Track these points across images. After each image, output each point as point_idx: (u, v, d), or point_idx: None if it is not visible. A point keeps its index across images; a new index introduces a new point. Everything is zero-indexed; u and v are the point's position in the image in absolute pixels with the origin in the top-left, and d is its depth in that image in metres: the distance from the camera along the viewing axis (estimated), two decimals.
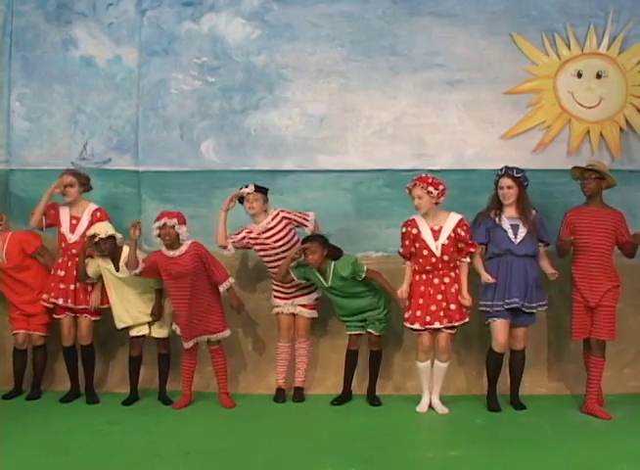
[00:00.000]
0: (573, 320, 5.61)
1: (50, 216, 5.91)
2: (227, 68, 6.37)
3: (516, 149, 6.19)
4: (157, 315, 5.83)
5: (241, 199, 5.79)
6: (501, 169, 5.59)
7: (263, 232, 5.74)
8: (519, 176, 5.55)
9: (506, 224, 5.56)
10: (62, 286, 5.83)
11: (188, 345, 5.66)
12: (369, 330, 5.74)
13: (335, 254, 5.63)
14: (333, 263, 5.59)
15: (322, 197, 6.19)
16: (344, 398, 5.81)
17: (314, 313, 5.93)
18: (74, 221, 5.89)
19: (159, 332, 5.86)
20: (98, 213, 5.90)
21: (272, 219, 5.76)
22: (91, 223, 5.83)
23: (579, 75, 6.24)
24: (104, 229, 5.66)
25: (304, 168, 6.26)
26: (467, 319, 5.50)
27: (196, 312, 5.57)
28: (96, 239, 5.60)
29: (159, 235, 5.55)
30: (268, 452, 4.80)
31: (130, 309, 5.78)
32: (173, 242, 5.53)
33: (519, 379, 5.70)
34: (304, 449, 4.81)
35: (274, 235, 5.73)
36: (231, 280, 5.64)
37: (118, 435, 5.13)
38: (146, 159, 6.38)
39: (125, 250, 5.65)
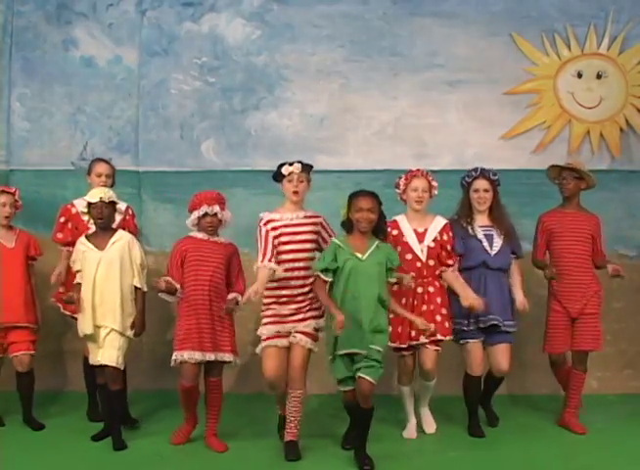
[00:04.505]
0: (549, 332, 5.20)
1: (69, 232, 5.37)
2: (227, 68, 6.38)
3: (516, 149, 6.21)
4: (138, 328, 4.83)
5: (278, 177, 4.84)
6: (475, 170, 5.12)
7: (296, 225, 4.82)
8: (495, 179, 5.10)
9: (480, 234, 5.07)
10: None
11: (193, 357, 4.65)
12: (361, 375, 4.40)
13: (382, 225, 4.61)
14: (377, 241, 4.57)
15: (322, 197, 6.17)
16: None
17: (315, 345, 4.78)
18: None
19: (109, 358, 4.69)
20: (130, 211, 5.47)
21: (312, 216, 4.91)
22: (124, 221, 5.28)
23: (579, 76, 6.25)
24: (107, 193, 4.79)
25: None
26: (451, 336, 4.96)
27: (209, 319, 4.70)
28: (98, 201, 4.73)
29: (197, 224, 4.72)
30: (268, 453, 4.81)
31: (102, 313, 4.76)
32: (215, 230, 4.76)
33: (490, 399, 5.31)
34: (304, 450, 4.80)
35: (304, 233, 4.81)
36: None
37: None
38: (146, 159, 6.38)
39: (120, 233, 4.90)
